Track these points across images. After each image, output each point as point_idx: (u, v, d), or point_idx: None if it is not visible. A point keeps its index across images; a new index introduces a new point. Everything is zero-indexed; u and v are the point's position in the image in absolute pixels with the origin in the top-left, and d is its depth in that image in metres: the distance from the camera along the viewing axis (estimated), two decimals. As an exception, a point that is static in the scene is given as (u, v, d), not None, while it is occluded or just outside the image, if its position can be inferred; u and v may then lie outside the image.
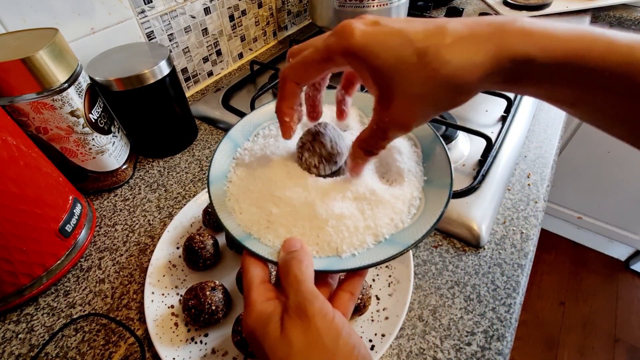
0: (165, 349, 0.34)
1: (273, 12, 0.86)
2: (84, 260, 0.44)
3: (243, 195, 0.30)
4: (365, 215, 0.28)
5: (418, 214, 0.28)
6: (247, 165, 0.32)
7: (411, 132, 0.33)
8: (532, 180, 0.51)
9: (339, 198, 0.28)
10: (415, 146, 0.33)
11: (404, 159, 0.31)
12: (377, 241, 0.27)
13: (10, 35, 0.41)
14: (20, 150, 0.36)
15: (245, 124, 0.36)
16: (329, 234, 0.27)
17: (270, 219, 0.28)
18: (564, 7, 0.93)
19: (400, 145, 0.32)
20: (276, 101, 0.28)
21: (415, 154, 0.32)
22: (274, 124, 0.37)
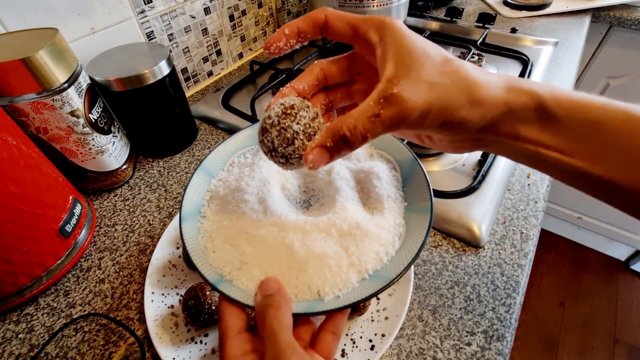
0: (165, 349, 0.34)
1: (273, 12, 0.86)
2: (84, 260, 0.44)
3: (217, 232, 0.28)
4: (349, 252, 0.26)
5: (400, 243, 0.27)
6: (222, 198, 0.30)
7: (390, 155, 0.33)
8: (532, 180, 0.51)
9: (321, 237, 0.26)
10: (394, 170, 0.32)
11: (383, 185, 0.30)
12: (361, 278, 0.25)
13: (10, 35, 0.41)
14: (20, 150, 0.36)
15: (220, 152, 0.34)
16: (309, 275, 0.25)
17: (243, 259, 0.26)
18: (564, 7, 0.93)
19: (379, 170, 0.31)
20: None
21: (394, 179, 0.31)
22: (249, 152, 0.35)
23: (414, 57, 0.21)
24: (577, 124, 0.21)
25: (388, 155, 0.34)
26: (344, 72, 0.28)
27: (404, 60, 0.21)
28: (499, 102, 0.21)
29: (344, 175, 0.31)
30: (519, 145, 0.23)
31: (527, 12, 0.93)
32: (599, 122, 0.20)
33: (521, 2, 0.95)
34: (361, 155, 0.34)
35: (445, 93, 0.21)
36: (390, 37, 0.22)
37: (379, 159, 0.33)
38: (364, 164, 0.32)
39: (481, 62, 0.74)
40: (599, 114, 0.20)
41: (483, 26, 0.86)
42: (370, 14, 0.72)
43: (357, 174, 0.32)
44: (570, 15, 0.92)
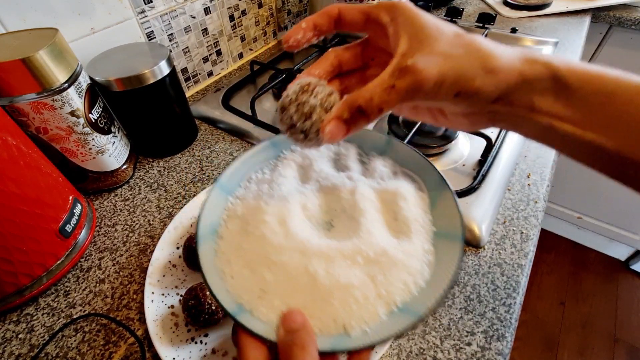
0: (165, 349, 0.34)
1: (273, 12, 0.86)
2: (84, 260, 0.44)
3: (235, 255, 0.27)
4: (376, 281, 0.24)
5: (430, 272, 0.25)
6: (240, 217, 0.29)
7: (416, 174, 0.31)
8: (532, 180, 0.51)
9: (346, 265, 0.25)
10: (421, 190, 0.30)
11: (410, 207, 0.28)
12: (389, 311, 0.24)
13: (10, 35, 0.41)
14: (20, 150, 0.36)
15: (237, 168, 0.32)
16: (334, 307, 0.23)
17: (263, 287, 0.25)
18: (564, 7, 0.93)
19: (405, 191, 0.29)
20: None
21: (421, 200, 0.29)
22: (267, 167, 0.33)
23: (426, 32, 0.22)
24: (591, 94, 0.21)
25: (413, 174, 0.32)
26: (357, 58, 0.28)
27: (417, 35, 0.22)
28: (514, 72, 0.21)
29: (369, 196, 0.29)
30: (533, 116, 0.23)
31: (527, 12, 0.93)
32: (613, 93, 0.20)
33: (521, 2, 0.95)
34: (385, 173, 0.32)
35: (459, 63, 0.21)
36: (402, 16, 0.23)
37: (404, 178, 0.31)
38: (388, 184, 0.31)
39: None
40: (613, 85, 0.20)
41: (483, 26, 0.86)
42: (370, 14, 0.72)
43: (381, 195, 0.30)
44: (570, 15, 0.92)
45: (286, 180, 0.31)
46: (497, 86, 0.22)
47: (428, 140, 0.54)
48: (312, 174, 0.32)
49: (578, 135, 0.22)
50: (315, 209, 0.30)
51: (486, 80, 0.21)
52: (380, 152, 0.34)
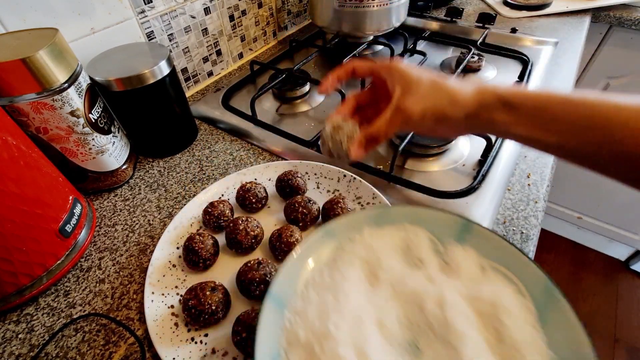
0: (165, 349, 0.34)
1: (273, 12, 0.86)
2: (84, 260, 0.44)
3: None
4: None
5: None
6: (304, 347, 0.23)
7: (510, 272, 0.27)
8: (532, 180, 0.51)
9: None
10: (521, 295, 0.25)
11: (516, 324, 0.23)
12: None
13: (10, 35, 0.41)
14: (20, 150, 0.36)
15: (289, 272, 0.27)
16: None
17: None
18: (564, 7, 0.93)
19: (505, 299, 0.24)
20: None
21: (527, 312, 0.24)
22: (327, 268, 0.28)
23: (412, 82, 0.32)
24: (530, 109, 0.28)
25: (506, 270, 0.27)
26: (369, 96, 0.40)
27: (406, 85, 0.33)
28: (472, 100, 0.31)
29: (462, 309, 0.24)
30: (494, 126, 0.31)
31: (527, 12, 0.93)
32: (545, 105, 0.28)
33: (521, 2, 0.95)
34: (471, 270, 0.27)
35: (433, 101, 0.32)
36: (396, 73, 0.34)
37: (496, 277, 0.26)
38: (481, 289, 0.26)
39: (481, 62, 0.74)
40: (545, 100, 0.28)
41: (483, 26, 0.86)
42: (370, 13, 0.73)
43: (475, 305, 0.25)
44: (570, 15, 0.92)
45: (352, 286, 0.26)
46: (462, 111, 0.31)
47: (428, 140, 0.54)
48: (381, 274, 0.28)
49: (529, 135, 0.29)
50: (394, 326, 0.25)
51: (454, 109, 0.31)
52: (458, 239, 0.29)
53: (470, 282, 0.26)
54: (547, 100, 0.28)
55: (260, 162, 0.56)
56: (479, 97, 0.30)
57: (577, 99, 0.27)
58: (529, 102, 0.28)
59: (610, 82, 1.09)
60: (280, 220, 0.47)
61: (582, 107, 0.26)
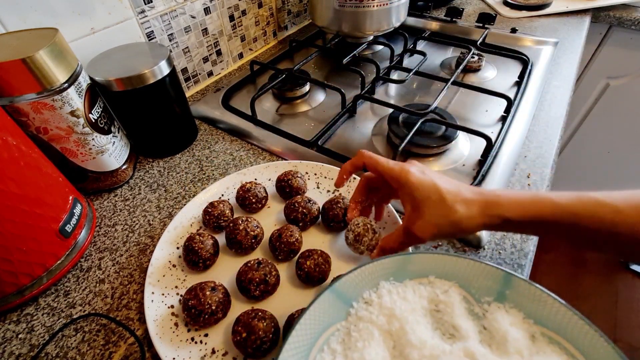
0: (165, 349, 0.34)
1: (273, 12, 0.86)
2: (84, 260, 0.44)
3: None
4: None
5: None
6: None
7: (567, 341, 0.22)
8: (532, 180, 0.51)
9: None
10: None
11: None
12: None
13: (10, 35, 0.41)
14: (21, 150, 0.36)
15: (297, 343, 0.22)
16: None
17: None
18: (564, 7, 0.93)
19: None
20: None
21: None
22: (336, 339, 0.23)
23: (421, 204, 0.33)
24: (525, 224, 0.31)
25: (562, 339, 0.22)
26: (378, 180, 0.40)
27: (415, 206, 0.33)
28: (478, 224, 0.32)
29: None
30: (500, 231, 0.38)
31: (527, 12, 0.93)
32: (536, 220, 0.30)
33: (521, 2, 0.95)
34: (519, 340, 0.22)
35: (443, 229, 0.32)
36: (406, 188, 0.34)
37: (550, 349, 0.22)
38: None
39: (481, 62, 0.74)
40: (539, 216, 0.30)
41: (483, 26, 0.86)
42: (370, 13, 0.73)
43: None
44: (570, 15, 0.92)
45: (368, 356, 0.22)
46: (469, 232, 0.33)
47: (428, 140, 0.54)
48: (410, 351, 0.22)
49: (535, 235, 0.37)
50: None
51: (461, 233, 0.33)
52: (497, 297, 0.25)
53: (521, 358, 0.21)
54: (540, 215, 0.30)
55: (260, 162, 0.56)
56: (485, 219, 0.32)
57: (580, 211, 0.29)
58: (525, 219, 0.31)
59: (610, 82, 1.09)
60: (280, 220, 0.47)
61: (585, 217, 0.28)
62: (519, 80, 0.70)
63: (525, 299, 0.24)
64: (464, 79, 0.74)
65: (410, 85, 0.73)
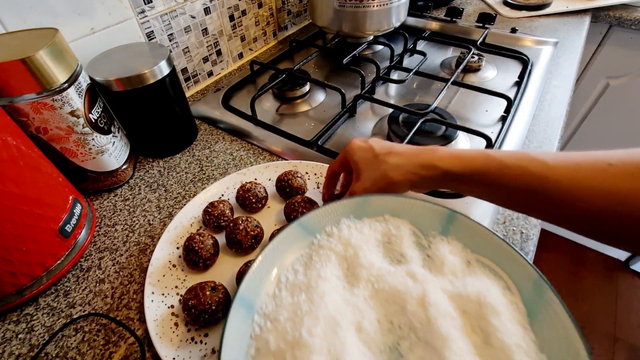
0: (165, 349, 0.34)
1: (273, 12, 0.86)
2: (84, 260, 0.44)
3: None
4: None
5: None
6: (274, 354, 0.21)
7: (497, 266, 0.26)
8: (532, 180, 0.51)
9: None
10: (510, 292, 0.24)
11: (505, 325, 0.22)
12: None
13: (10, 35, 0.41)
14: (20, 150, 0.36)
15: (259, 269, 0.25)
16: None
17: None
18: (564, 7, 0.93)
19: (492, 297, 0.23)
20: None
21: (516, 310, 0.23)
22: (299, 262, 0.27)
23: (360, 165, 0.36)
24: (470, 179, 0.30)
25: (494, 265, 0.26)
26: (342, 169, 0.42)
27: (357, 169, 0.37)
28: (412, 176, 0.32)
29: (446, 309, 0.23)
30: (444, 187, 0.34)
31: (527, 12, 0.93)
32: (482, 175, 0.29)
33: (521, 2, 0.95)
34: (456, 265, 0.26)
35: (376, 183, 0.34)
36: (349, 157, 0.38)
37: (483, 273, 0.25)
38: (467, 285, 0.24)
39: (481, 62, 0.74)
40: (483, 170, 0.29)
41: (483, 26, 0.86)
42: (370, 13, 0.73)
43: (461, 303, 0.24)
44: (570, 15, 0.92)
45: (328, 284, 0.24)
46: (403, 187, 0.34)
47: (428, 140, 0.54)
48: (360, 271, 0.26)
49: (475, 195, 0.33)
50: (373, 329, 0.24)
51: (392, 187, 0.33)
52: (442, 231, 0.28)
53: (455, 278, 0.25)
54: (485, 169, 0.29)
55: (260, 162, 0.56)
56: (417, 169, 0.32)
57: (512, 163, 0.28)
58: (469, 171, 0.30)
59: (609, 82, 1.09)
60: (280, 220, 0.47)
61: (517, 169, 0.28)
62: (519, 80, 0.70)
63: (465, 233, 0.28)
64: (464, 79, 0.74)
65: (410, 85, 0.73)
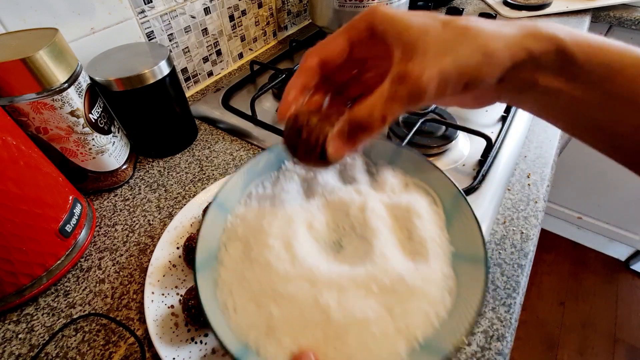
0: (165, 349, 0.34)
1: (273, 12, 0.86)
2: (84, 260, 0.44)
3: (238, 285, 0.24)
4: (394, 314, 0.22)
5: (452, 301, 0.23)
6: (241, 240, 0.27)
7: (429, 187, 0.30)
8: (532, 180, 0.51)
9: (360, 296, 0.23)
10: (435, 204, 0.28)
11: (425, 225, 0.26)
12: (411, 350, 0.21)
13: (10, 35, 0.41)
14: (20, 150, 0.36)
15: (235, 183, 0.30)
16: (349, 346, 0.21)
17: (270, 323, 0.22)
18: (564, 7, 0.93)
19: (419, 206, 0.27)
20: None
21: (437, 216, 0.27)
22: (268, 180, 0.31)
23: (413, 33, 0.21)
24: (595, 68, 0.20)
25: (426, 186, 0.30)
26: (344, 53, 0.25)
27: (406, 39, 0.21)
28: (519, 50, 0.21)
29: (380, 212, 0.28)
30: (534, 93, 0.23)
31: (527, 12, 0.93)
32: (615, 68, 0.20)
33: (521, 2, 0.95)
34: (395, 185, 0.30)
35: (458, 56, 0.20)
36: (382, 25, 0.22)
37: (416, 191, 0.30)
38: (400, 198, 0.29)
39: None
40: (617, 60, 0.20)
41: (483, 26, 0.86)
42: (370, 13, 0.72)
43: (393, 211, 0.28)
44: (570, 15, 0.92)
45: (289, 196, 0.29)
46: (502, 67, 0.21)
47: (428, 140, 0.54)
48: (317, 188, 0.31)
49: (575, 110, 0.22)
50: (322, 228, 0.29)
51: (491, 66, 0.20)
52: (389, 162, 0.32)
53: (393, 194, 0.30)
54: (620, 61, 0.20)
55: (260, 162, 0.56)
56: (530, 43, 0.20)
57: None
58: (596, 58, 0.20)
59: (610, 82, 1.09)
60: (280, 220, 0.47)
61: None
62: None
63: (408, 163, 0.31)
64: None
65: (410, 85, 0.72)
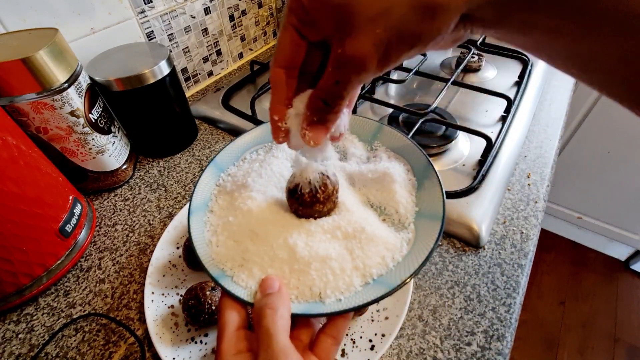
0: (165, 349, 0.34)
1: (273, 12, 0.86)
2: (84, 260, 0.44)
3: (222, 227, 0.29)
4: (354, 255, 0.26)
5: (408, 249, 0.27)
6: (229, 194, 0.31)
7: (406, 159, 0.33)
8: (532, 180, 0.51)
9: (325, 239, 0.26)
10: (408, 171, 0.32)
11: (397, 188, 0.30)
12: (364, 283, 0.25)
13: (10, 35, 0.41)
14: (20, 150, 0.36)
15: (233, 148, 0.34)
16: (311, 277, 0.25)
17: (245, 257, 0.26)
18: (564, 7, 0.93)
19: (395, 172, 0.31)
20: None
21: (409, 183, 0.31)
22: (263, 148, 0.35)
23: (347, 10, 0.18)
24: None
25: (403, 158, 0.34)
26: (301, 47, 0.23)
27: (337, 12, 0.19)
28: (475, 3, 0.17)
29: (363, 174, 0.32)
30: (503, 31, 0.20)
31: (527, 12, 0.93)
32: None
33: (521, 2, 0.95)
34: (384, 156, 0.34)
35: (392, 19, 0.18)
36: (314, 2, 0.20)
37: (395, 161, 0.33)
38: (381, 164, 0.33)
39: (481, 62, 0.74)
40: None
41: (483, 26, 0.86)
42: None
43: (372, 173, 0.32)
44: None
45: (277, 160, 0.33)
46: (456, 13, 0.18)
47: (428, 140, 0.54)
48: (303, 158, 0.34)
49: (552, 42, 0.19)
50: None
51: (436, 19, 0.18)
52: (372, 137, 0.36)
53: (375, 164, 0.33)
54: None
55: (260, 162, 0.56)
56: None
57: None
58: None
59: (610, 82, 1.09)
60: (280, 220, 0.47)
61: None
62: (519, 80, 0.70)
63: (388, 138, 0.35)
64: (464, 79, 0.74)
65: (410, 85, 0.73)
